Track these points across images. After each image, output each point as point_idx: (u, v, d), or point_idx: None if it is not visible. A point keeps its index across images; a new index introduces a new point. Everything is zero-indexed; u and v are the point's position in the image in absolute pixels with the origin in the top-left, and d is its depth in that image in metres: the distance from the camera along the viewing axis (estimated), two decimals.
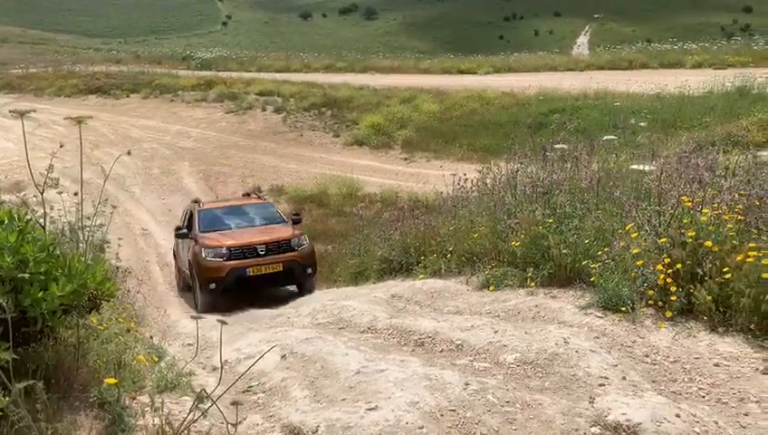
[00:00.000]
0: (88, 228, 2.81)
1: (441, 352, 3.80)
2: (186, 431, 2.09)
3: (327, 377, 3.33)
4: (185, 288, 10.89)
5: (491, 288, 5.35)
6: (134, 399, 2.69)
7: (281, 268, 9.29)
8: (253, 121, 24.78)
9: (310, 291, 9.56)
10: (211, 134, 23.81)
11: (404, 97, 23.74)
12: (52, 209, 4.15)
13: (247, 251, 9.32)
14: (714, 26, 79.12)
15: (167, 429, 2.14)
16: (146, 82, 32.03)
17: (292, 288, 10.14)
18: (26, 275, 2.36)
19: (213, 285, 9.19)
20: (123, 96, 30.43)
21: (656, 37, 50.66)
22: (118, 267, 7.67)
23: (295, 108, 24.52)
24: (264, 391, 3.36)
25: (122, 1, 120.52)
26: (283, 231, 9.92)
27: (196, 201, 11.27)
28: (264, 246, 9.37)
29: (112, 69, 38.28)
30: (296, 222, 10.49)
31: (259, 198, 11.92)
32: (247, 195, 12.30)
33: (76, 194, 2.97)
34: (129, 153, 19.68)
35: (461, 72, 33.51)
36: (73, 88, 32.47)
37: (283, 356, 3.83)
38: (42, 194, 2.63)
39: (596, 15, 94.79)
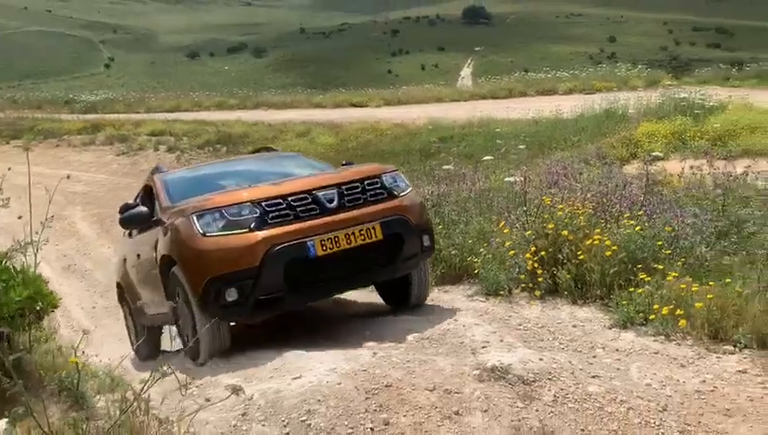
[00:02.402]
0: (36, 242, 3.17)
1: (353, 340, 4.38)
2: (147, 393, 2.53)
3: (256, 367, 3.83)
4: (150, 350, 5.98)
5: None
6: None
7: (379, 235, 4.45)
8: (146, 162, 24.44)
9: (420, 297, 5.15)
10: (102, 177, 23.28)
11: (299, 131, 24.30)
12: None
13: (300, 205, 4.40)
14: (583, 55, 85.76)
15: (128, 395, 2.57)
16: (27, 127, 30.66)
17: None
18: None
19: (232, 293, 4.22)
20: (3, 143, 29.05)
21: (532, 66, 54.22)
22: None
23: (189, 146, 24.41)
24: (197, 386, 3.78)
25: None
26: (363, 168, 5.07)
27: (158, 169, 6.18)
28: (334, 190, 4.52)
29: None
30: None
31: None
32: (262, 150, 7.13)
33: None
34: (61, 181, 18.83)
35: (353, 105, 34.50)
36: None
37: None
38: None
39: (476, 48, 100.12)
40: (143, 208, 5.25)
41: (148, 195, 5.72)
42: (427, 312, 4.88)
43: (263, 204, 4.33)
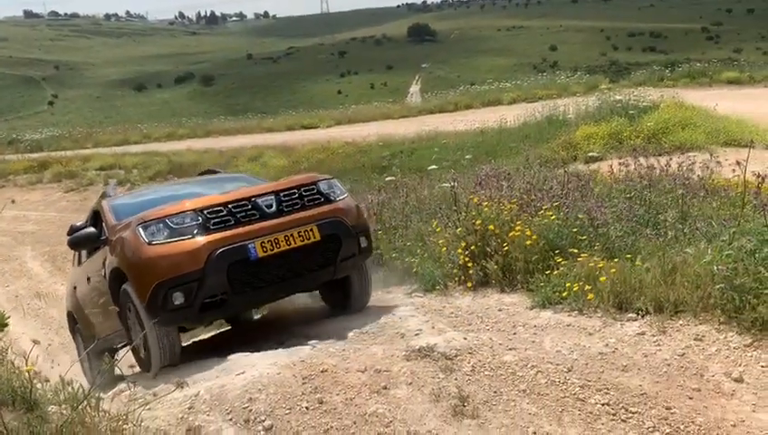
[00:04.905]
0: None
1: (298, 341, 4.64)
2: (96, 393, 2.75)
3: (200, 371, 4.06)
4: (106, 377, 4.71)
5: None
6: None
7: (317, 236, 4.66)
8: (95, 197, 24.06)
9: (361, 300, 5.32)
10: (52, 215, 22.95)
11: (251, 155, 24.41)
12: None
13: (240, 212, 4.61)
14: (526, 65, 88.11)
15: (79, 395, 2.79)
16: None
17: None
18: None
19: (178, 297, 4.39)
20: None
21: (478, 79, 55.42)
22: None
23: (139, 178, 24.25)
24: (145, 389, 4.00)
25: None
26: (299, 177, 5.34)
27: (105, 194, 6.37)
28: (272, 196, 4.75)
29: None
30: None
31: None
32: (206, 173, 7.36)
33: None
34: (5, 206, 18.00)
35: (304, 127, 34.75)
36: None
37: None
38: None
39: (423, 65, 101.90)
40: (91, 229, 5.39)
41: (96, 219, 5.83)
42: (368, 310, 5.17)
43: (204, 212, 4.52)
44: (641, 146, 11.18)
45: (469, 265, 5.18)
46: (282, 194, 4.77)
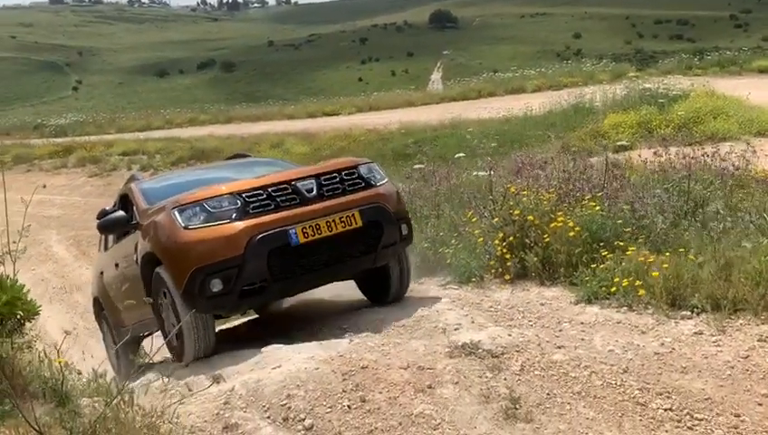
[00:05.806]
0: (15, 252, 3.25)
1: (331, 333, 4.50)
2: (130, 387, 2.63)
3: (237, 364, 3.93)
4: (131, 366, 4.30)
5: None
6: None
7: (359, 222, 4.49)
8: (119, 182, 24.24)
9: (400, 290, 5.11)
10: (76, 199, 23.12)
11: (273, 142, 24.33)
12: None
13: (280, 195, 4.42)
14: (550, 53, 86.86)
15: (113, 389, 2.66)
16: None
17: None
18: None
19: (216, 284, 4.19)
20: None
21: (501, 67, 54.72)
22: None
23: (162, 163, 24.29)
24: (179, 384, 3.87)
25: None
26: (339, 160, 5.18)
27: (134, 177, 6.21)
28: (312, 180, 4.55)
29: None
30: None
31: None
32: (236, 157, 7.05)
33: None
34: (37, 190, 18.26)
35: (326, 114, 34.57)
36: None
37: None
38: None
39: (445, 52, 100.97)
40: (121, 212, 5.19)
41: (124, 203, 5.58)
42: (402, 302, 5.02)
43: (243, 195, 4.33)
44: (672, 135, 10.88)
45: (507, 256, 4.99)
46: (322, 178, 4.58)
